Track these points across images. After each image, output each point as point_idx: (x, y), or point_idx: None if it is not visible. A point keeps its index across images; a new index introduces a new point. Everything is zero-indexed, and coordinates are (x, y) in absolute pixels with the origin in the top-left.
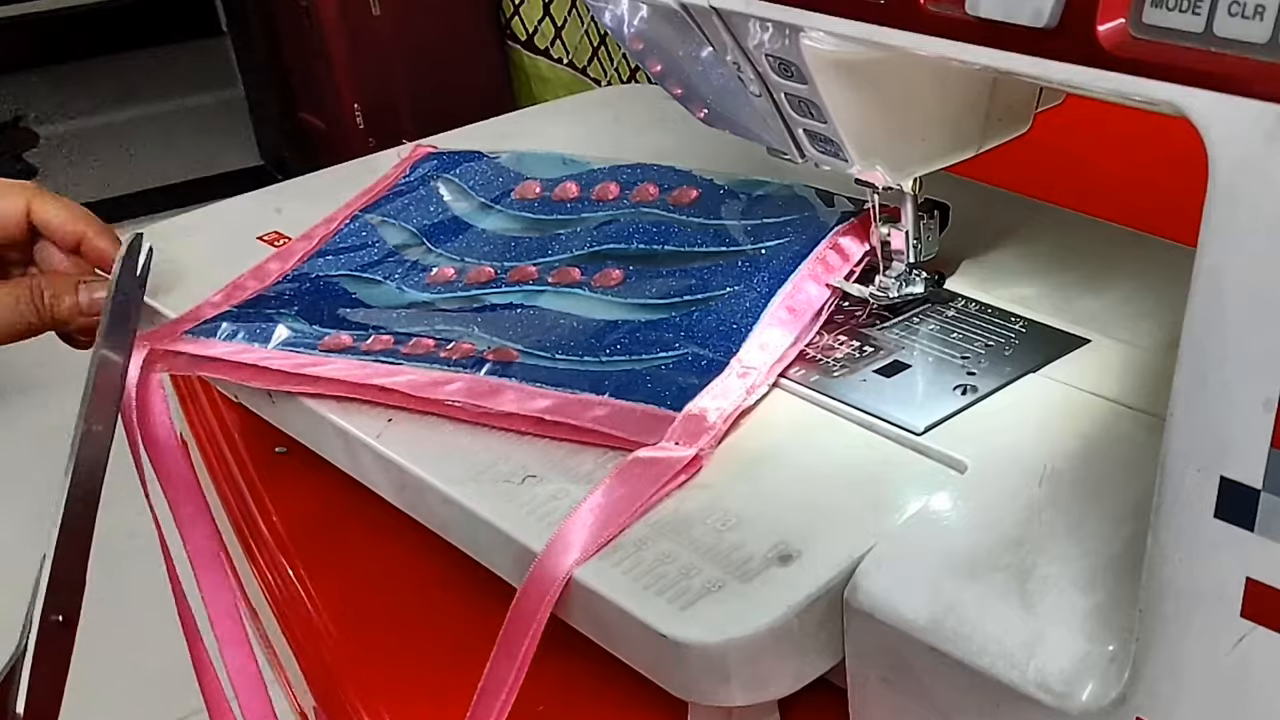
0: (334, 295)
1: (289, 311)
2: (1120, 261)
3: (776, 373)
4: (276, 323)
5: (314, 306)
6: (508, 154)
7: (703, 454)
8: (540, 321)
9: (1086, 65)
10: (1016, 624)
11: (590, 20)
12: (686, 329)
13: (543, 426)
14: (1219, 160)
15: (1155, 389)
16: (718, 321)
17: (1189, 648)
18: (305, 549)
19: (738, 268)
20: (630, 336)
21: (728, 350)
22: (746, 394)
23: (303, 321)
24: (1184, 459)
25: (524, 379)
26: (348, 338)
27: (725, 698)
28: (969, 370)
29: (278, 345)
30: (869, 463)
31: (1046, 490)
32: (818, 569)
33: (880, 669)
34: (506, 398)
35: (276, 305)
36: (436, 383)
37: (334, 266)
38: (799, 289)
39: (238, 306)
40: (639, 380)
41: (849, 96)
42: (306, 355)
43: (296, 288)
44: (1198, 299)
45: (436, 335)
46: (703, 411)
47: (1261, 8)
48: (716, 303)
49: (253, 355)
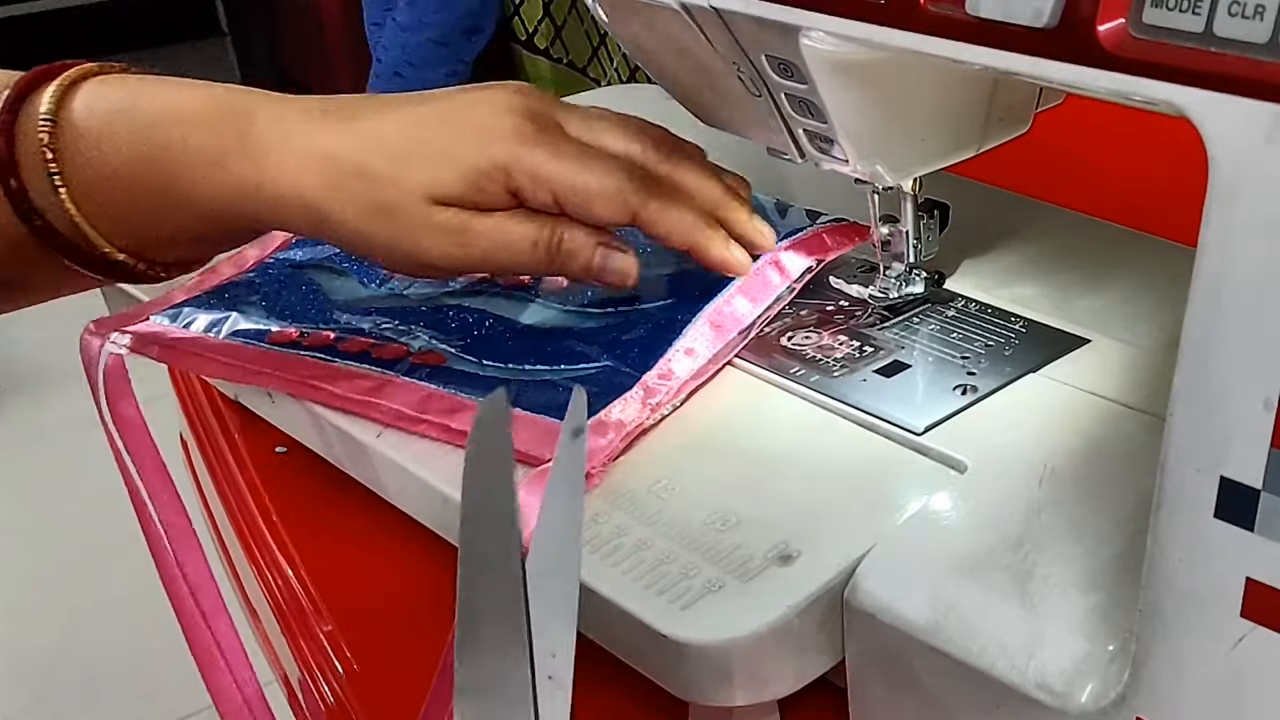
0: (298, 285)
1: (252, 300)
2: (1120, 261)
3: (688, 390)
4: (234, 311)
5: (275, 296)
6: None
7: (593, 472)
8: (479, 325)
9: (1086, 65)
10: (1017, 624)
11: (590, 20)
12: (611, 341)
13: (451, 434)
14: (1219, 160)
15: (1155, 389)
16: (641, 334)
17: (1189, 648)
18: (305, 549)
19: (675, 277)
20: (557, 345)
21: (643, 366)
22: (650, 413)
23: (260, 311)
24: (1184, 459)
25: (445, 383)
26: (294, 331)
27: (726, 698)
28: (969, 370)
29: (229, 335)
30: (869, 463)
31: (1046, 490)
32: (818, 569)
33: (880, 669)
34: (422, 404)
35: (242, 293)
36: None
37: (307, 255)
38: (728, 303)
39: (207, 292)
40: (550, 391)
41: (849, 96)
42: (253, 347)
43: (266, 276)
44: (1198, 299)
45: (377, 335)
46: (601, 428)
47: (1261, 8)
48: (648, 313)
49: (203, 345)
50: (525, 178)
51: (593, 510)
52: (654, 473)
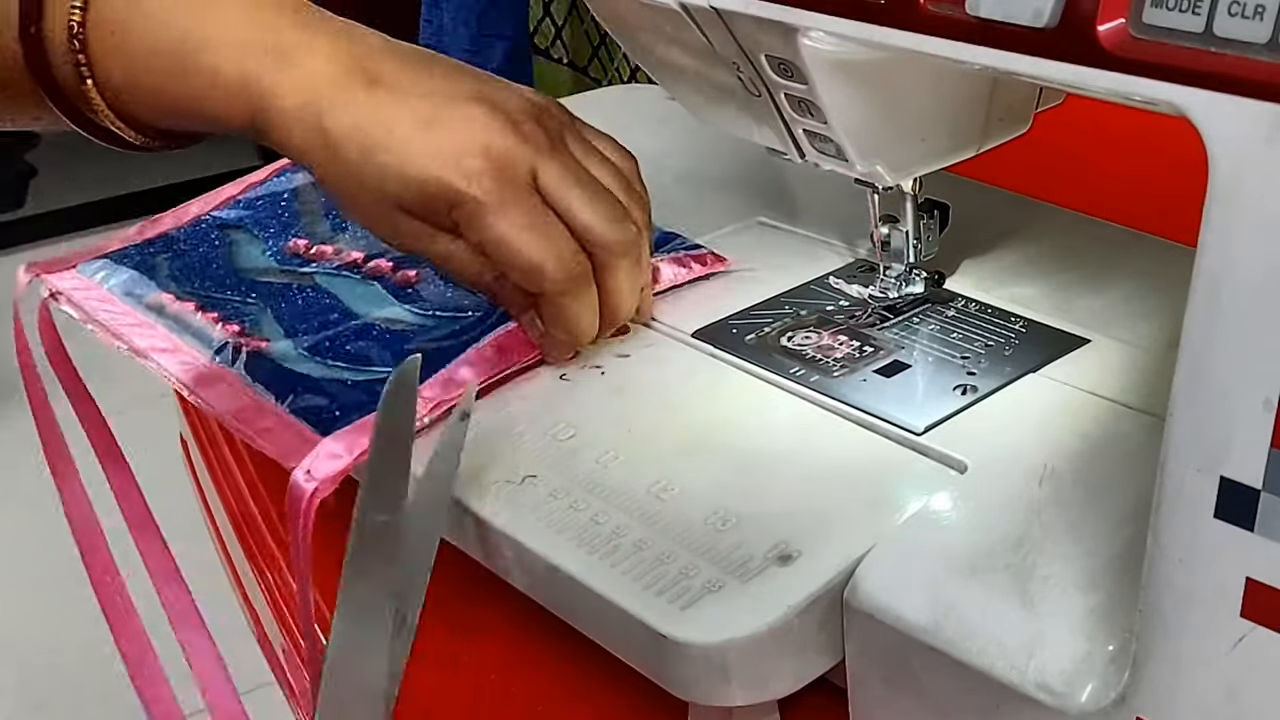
0: (213, 246)
1: (167, 257)
2: (1120, 261)
3: (444, 409)
4: (140, 271)
5: (188, 256)
6: None
7: (320, 491)
8: (320, 310)
9: (1086, 65)
10: (1016, 624)
11: (590, 20)
12: (410, 344)
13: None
14: (1219, 160)
15: (1155, 389)
16: (435, 345)
17: (1189, 648)
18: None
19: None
20: (369, 340)
21: (422, 376)
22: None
23: (165, 271)
24: (1184, 459)
25: (248, 371)
26: (168, 297)
27: (725, 698)
28: (969, 370)
29: (122, 293)
30: (869, 463)
31: (1046, 490)
32: (818, 569)
33: (880, 669)
34: (217, 391)
35: (164, 249)
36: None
37: (240, 215)
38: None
39: (136, 245)
40: (328, 391)
41: (849, 96)
42: (131, 308)
43: (194, 233)
44: (1198, 299)
45: (230, 313)
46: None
47: (1261, 8)
48: (453, 324)
49: (95, 295)
50: (463, 218)
51: (592, 510)
52: (654, 473)
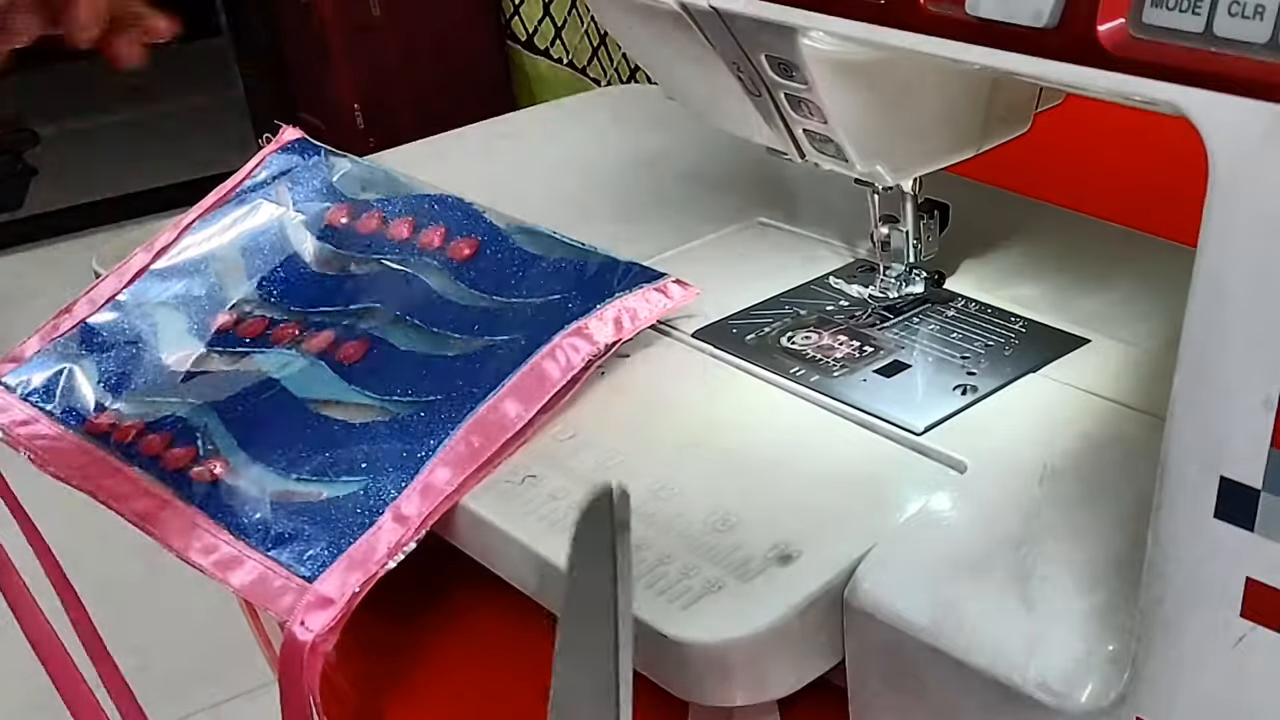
0: (134, 338)
1: (90, 357)
2: (1120, 261)
3: (433, 521)
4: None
5: (109, 348)
6: (346, 162)
7: (318, 641)
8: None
9: (1086, 65)
10: (1016, 624)
11: (590, 20)
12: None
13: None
14: (1219, 160)
15: (1155, 389)
16: (402, 444)
17: (1189, 648)
18: None
19: (457, 366)
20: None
21: (399, 485)
22: (388, 556)
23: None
24: (1184, 459)
25: (212, 510)
26: (106, 421)
27: (726, 698)
28: (969, 370)
29: (59, 412)
30: (869, 463)
31: (1046, 490)
32: (818, 569)
33: (880, 669)
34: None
35: (83, 346)
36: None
37: (157, 291)
38: (495, 409)
39: (53, 342)
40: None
41: (849, 96)
42: (72, 435)
43: (112, 321)
44: (1198, 299)
45: (172, 429)
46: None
47: (1261, 8)
48: (417, 413)
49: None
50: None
51: None
52: (654, 473)
